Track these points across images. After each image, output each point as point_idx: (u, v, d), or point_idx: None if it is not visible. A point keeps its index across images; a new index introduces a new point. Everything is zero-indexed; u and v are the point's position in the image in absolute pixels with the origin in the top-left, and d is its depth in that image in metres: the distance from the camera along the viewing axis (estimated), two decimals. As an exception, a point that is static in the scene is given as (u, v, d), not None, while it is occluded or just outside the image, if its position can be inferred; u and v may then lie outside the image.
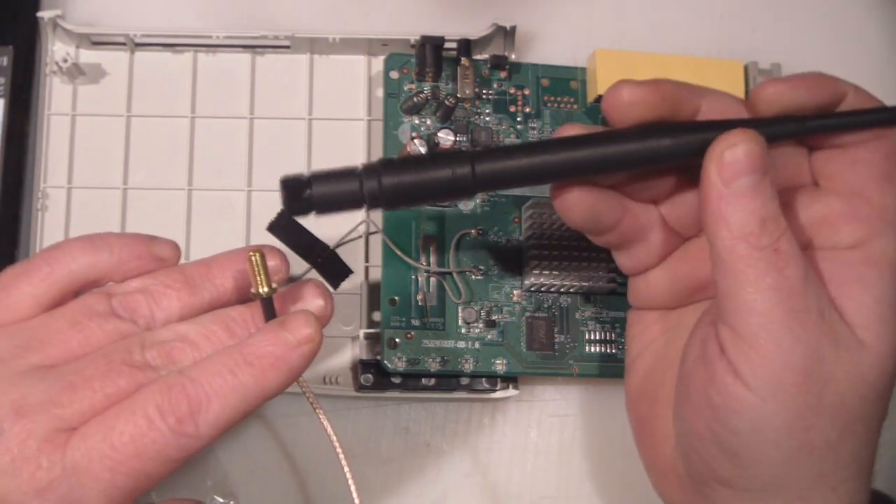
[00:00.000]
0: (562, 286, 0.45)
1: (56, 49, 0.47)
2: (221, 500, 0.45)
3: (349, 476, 0.36)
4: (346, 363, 0.46)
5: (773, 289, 0.31)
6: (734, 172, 0.32)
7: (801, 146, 0.35)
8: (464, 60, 0.47)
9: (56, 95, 0.47)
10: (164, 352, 0.33)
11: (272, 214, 0.36)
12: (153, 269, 0.35)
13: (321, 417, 0.36)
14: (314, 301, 0.35)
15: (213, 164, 0.47)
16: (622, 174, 0.35)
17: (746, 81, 0.48)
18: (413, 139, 0.45)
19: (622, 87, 0.33)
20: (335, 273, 0.37)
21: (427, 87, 0.47)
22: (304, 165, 0.47)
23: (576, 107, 0.48)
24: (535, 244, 0.44)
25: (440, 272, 0.45)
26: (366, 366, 0.45)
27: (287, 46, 0.48)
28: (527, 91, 0.48)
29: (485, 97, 0.47)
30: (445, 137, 0.45)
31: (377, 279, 0.46)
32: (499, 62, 0.48)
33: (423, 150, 0.45)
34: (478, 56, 0.48)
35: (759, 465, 0.32)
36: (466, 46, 0.47)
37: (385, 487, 0.46)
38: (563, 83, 0.48)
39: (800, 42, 0.52)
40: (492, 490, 0.47)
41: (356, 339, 0.46)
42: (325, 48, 0.48)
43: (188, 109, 0.48)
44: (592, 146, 0.33)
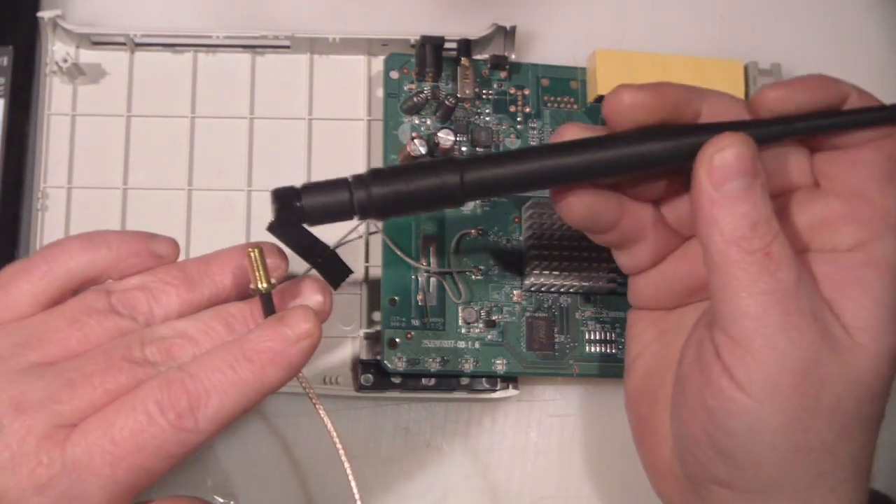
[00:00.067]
0: (562, 286, 0.45)
1: (56, 49, 0.47)
2: (221, 501, 0.45)
3: (350, 475, 0.36)
4: (346, 363, 0.46)
5: (766, 292, 0.31)
6: (724, 176, 0.32)
7: (803, 147, 0.35)
8: (464, 60, 0.47)
9: (56, 95, 0.47)
10: (164, 348, 0.33)
11: (272, 214, 0.36)
12: (152, 267, 0.35)
13: (322, 414, 0.36)
14: (313, 297, 0.35)
15: (213, 164, 0.47)
16: (616, 178, 0.35)
17: (746, 81, 0.48)
18: (413, 139, 0.45)
19: (622, 91, 0.33)
20: (335, 273, 0.37)
21: (427, 87, 0.47)
22: (304, 165, 0.47)
23: (576, 107, 0.48)
24: (535, 244, 0.44)
25: (440, 272, 0.45)
26: (366, 366, 0.45)
27: (287, 46, 0.48)
28: (527, 91, 0.48)
29: (485, 97, 0.47)
30: (445, 137, 0.45)
31: (377, 279, 0.46)
32: (499, 62, 0.48)
33: (423, 151, 0.45)
34: (478, 56, 0.48)
35: (756, 467, 0.32)
36: (466, 46, 0.47)
37: (385, 487, 0.46)
38: (563, 83, 0.48)
39: (800, 42, 0.52)
40: (492, 490, 0.47)
41: (356, 339, 0.46)
42: (325, 48, 0.48)
43: (188, 109, 0.48)
44: (583, 152, 0.33)
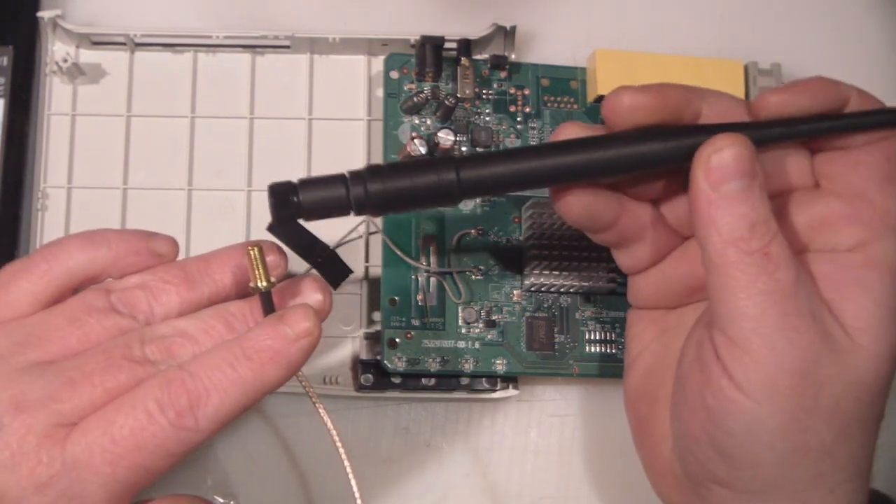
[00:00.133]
0: (562, 286, 0.45)
1: (56, 49, 0.47)
2: (221, 500, 0.45)
3: (350, 474, 0.36)
4: (346, 363, 0.46)
5: (765, 293, 0.31)
6: (721, 177, 0.32)
7: (804, 148, 0.35)
8: (464, 60, 0.47)
9: (56, 95, 0.47)
10: (164, 347, 0.33)
11: (269, 209, 0.36)
12: (152, 265, 0.35)
13: (322, 414, 0.36)
14: (313, 295, 0.35)
15: (213, 164, 0.47)
16: (613, 179, 0.35)
17: (746, 81, 0.48)
18: (413, 139, 0.45)
19: (623, 93, 0.33)
20: (335, 273, 0.37)
21: (427, 87, 0.47)
22: (304, 165, 0.47)
23: (576, 107, 0.48)
24: (535, 244, 0.44)
25: (440, 272, 0.45)
26: (366, 366, 0.45)
27: (287, 46, 0.48)
28: (527, 91, 0.48)
29: (485, 97, 0.47)
30: (445, 137, 0.45)
31: (377, 279, 0.46)
32: (499, 62, 0.48)
33: (423, 151, 0.45)
34: (478, 56, 0.48)
35: (755, 467, 0.32)
36: (466, 46, 0.47)
37: (385, 487, 0.46)
38: (563, 83, 0.48)
39: (800, 42, 0.52)
40: (492, 490, 0.47)
41: (356, 339, 0.46)
42: (325, 48, 0.48)
43: (188, 109, 0.48)
44: (582, 152, 0.33)
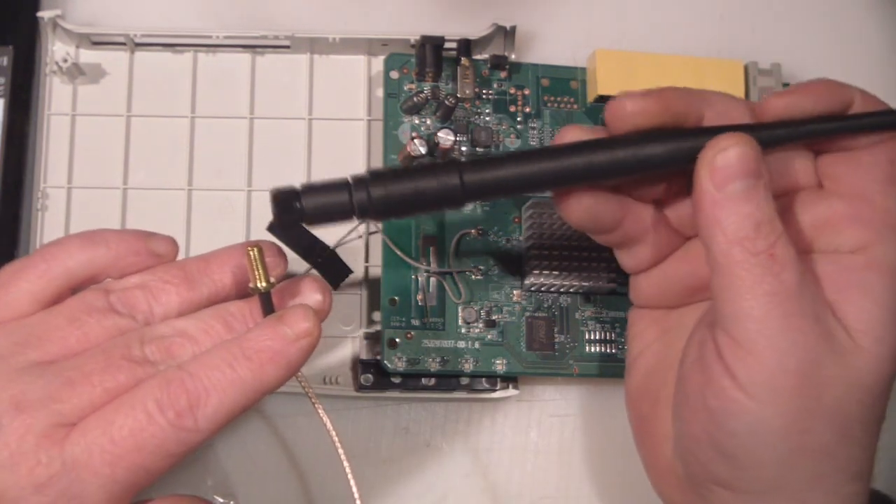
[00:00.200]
0: (562, 286, 0.45)
1: (56, 49, 0.47)
2: (221, 500, 0.45)
3: (350, 474, 0.36)
4: (346, 363, 0.46)
5: (770, 294, 0.31)
6: (726, 177, 0.31)
7: (807, 149, 0.35)
8: (464, 60, 0.47)
9: (56, 95, 0.47)
10: (163, 347, 0.33)
11: (272, 215, 0.36)
12: (151, 265, 0.35)
13: (321, 414, 0.36)
14: (312, 295, 0.35)
15: (213, 164, 0.47)
16: (617, 181, 0.35)
17: (746, 81, 0.48)
18: (413, 139, 0.45)
19: (625, 99, 0.33)
20: (335, 273, 0.37)
21: (427, 87, 0.47)
22: (304, 165, 0.47)
23: (576, 107, 0.48)
24: (535, 244, 0.44)
25: (440, 272, 0.45)
26: (366, 366, 0.45)
27: (287, 46, 0.48)
28: (527, 91, 0.48)
29: (485, 97, 0.47)
30: (445, 137, 0.45)
31: (377, 279, 0.46)
32: (499, 62, 0.48)
33: (423, 151, 0.44)
34: (478, 56, 0.48)
35: (757, 468, 0.32)
36: (466, 46, 0.47)
37: (385, 487, 0.46)
38: (563, 83, 0.48)
39: (800, 42, 0.52)
40: (492, 490, 0.47)
41: (356, 339, 0.46)
42: (325, 48, 0.48)
43: (188, 109, 0.48)
44: (585, 155, 0.33)
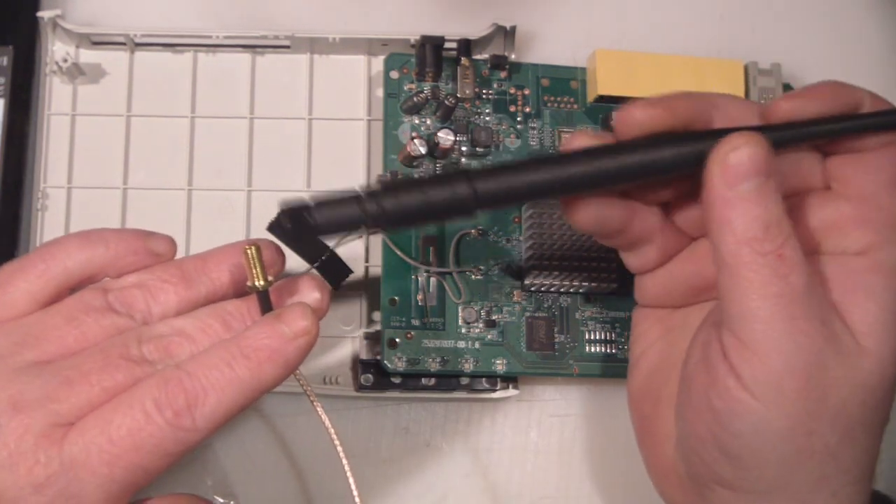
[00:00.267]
0: (562, 286, 0.45)
1: (56, 49, 0.47)
2: (221, 500, 0.45)
3: (349, 473, 0.36)
4: (346, 363, 0.46)
5: (777, 296, 0.31)
6: (738, 175, 0.31)
7: (815, 151, 0.35)
8: (464, 60, 0.47)
9: (56, 95, 0.47)
10: (161, 346, 0.33)
11: (272, 214, 0.36)
12: (149, 264, 0.35)
13: (320, 412, 0.36)
14: (310, 294, 0.35)
15: (213, 164, 0.47)
16: (628, 186, 0.35)
17: (746, 81, 0.48)
18: (413, 139, 0.45)
19: (633, 108, 0.33)
20: (335, 273, 0.37)
21: (427, 87, 0.47)
22: (304, 165, 0.47)
23: (576, 107, 0.48)
24: (535, 244, 0.44)
25: (440, 272, 0.45)
26: (366, 366, 0.45)
27: (287, 46, 0.48)
28: (527, 91, 0.48)
29: (485, 97, 0.47)
30: (445, 137, 0.45)
31: (377, 279, 0.46)
32: (499, 62, 0.48)
33: (423, 150, 0.45)
34: (478, 56, 0.48)
35: (760, 469, 0.32)
36: (466, 46, 0.47)
37: (385, 487, 0.46)
38: (563, 83, 0.48)
39: (800, 42, 0.52)
40: (492, 490, 0.46)
41: (356, 339, 0.46)
42: (325, 48, 0.48)
43: (188, 109, 0.48)
44: (594, 161, 0.33)
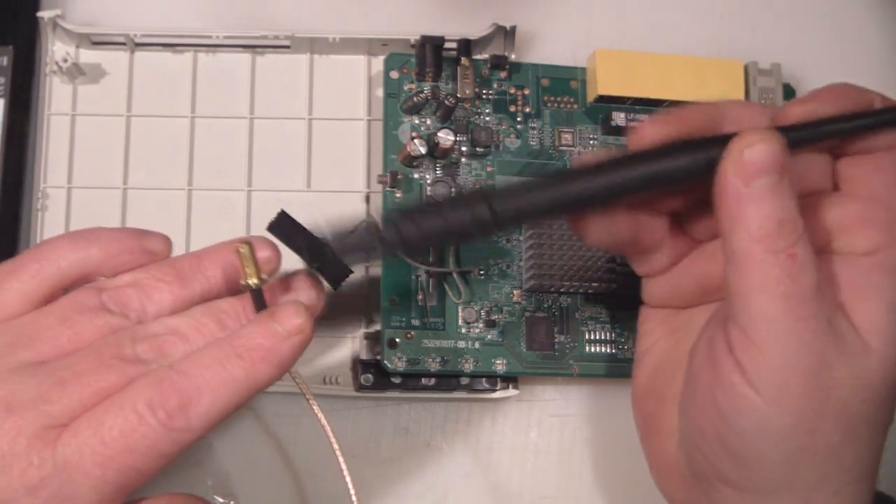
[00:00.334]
0: (562, 286, 0.45)
1: (56, 49, 0.47)
2: (221, 501, 0.45)
3: (346, 473, 0.36)
4: (346, 363, 0.46)
5: (786, 296, 0.31)
6: (753, 171, 0.31)
7: (825, 153, 0.35)
8: (464, 60, 0.47)
9: (56, 95, 0.47)
10: (156, 345, 0.33)
11: (272, 214, 0.36)
12: (144, 263, 0.35)
13: (316, 411, 0.36)
14: (305, 291, 0.35)
15: (213, 164, 0.47)
16: (643, 197, 0.35)
17: (746, 81, 0.48)
18: (413, 139, 0.45)
19: (646, 127, 0.33)
20: (335, 273, 0.37)
21: (427, 87, 0.47)
22: (304, 165, 0.47)
23: (576, 107, 0.48)
24: (535, 244, 0.44)
25: (440, 272, 0.45)
26: (366, 366, 0.45)
27: (287, 46, 0.48)
28: (527, 91, 0.48)
29: (485, 97, 0.47)
30: (445, 137, 0.45)
31: (377, 279, 0.46)
32: (499, 62, 0.48)
33: (423, 150, 0.45)
34: (478, 56, 0.48)
35: (763, 467, 0.32)
36: (466, 46, 0.47)
37: (385, 487, 0.46)
38: (563, 83, 0.48)
39: (800, 42, 0.52)
40: (492, 490, 0.46)
41: (356, 339, 0.46)
42: (325, 48, 0.48)
43: (188, 109, 0.48)
44: (610, 173, 0.33)
